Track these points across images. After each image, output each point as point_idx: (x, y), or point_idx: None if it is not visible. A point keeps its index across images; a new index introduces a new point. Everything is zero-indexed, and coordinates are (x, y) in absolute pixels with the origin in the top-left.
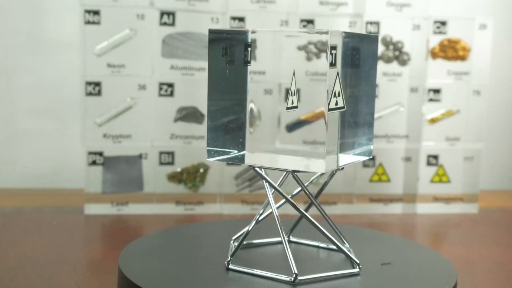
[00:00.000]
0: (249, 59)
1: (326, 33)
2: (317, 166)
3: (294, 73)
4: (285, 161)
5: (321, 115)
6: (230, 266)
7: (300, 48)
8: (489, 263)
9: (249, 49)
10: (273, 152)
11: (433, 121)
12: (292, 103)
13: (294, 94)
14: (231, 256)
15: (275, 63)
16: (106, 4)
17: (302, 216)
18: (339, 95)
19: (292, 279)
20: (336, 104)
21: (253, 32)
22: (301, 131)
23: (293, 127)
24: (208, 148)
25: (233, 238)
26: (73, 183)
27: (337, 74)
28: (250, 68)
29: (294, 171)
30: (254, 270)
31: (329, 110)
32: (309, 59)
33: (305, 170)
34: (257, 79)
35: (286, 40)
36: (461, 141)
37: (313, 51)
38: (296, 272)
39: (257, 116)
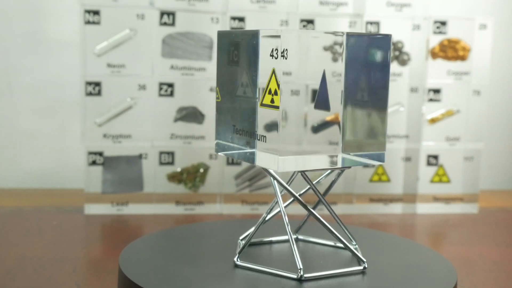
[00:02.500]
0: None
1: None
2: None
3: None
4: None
5: None
6: (238, 262)
7: (326, 49)
8: (489, 263)
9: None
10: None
11: (433, 121)
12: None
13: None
14: (239, 253)
15: (301, 63)
16: (106, 4)
17: (310, 213)
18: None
19: (298, 276)
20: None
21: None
22: (327, 132)
23: (318, 128)
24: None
25: (240, 238)
26: (73, 183)
27: (273, 71)
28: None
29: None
30: (261, 267)
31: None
32: (335, 59)
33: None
34: (283, 80)
35: (312, 41)
36: (461, 141)
37: (339, 52)
38: (301, 267)
39: (283, 117)
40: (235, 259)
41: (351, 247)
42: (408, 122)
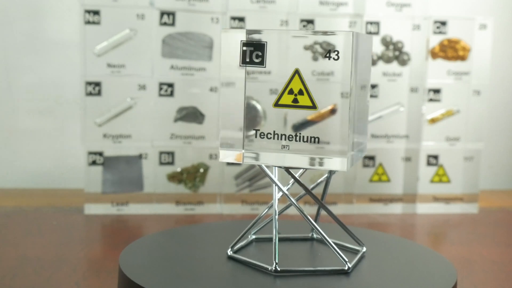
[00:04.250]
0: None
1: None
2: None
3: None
4: (296, 160)
5: (327, 115)
6: (279, 268)
7: (306, 48)
8: (489, 263)
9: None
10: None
11: (433, 121)
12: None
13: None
14: (275, 260)
15: (281, 63)
16: (106, 4)
17: (320, 206)
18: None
19: (347, 268)
20: (296, 102)
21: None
22: (308, 130)
23: (299, 127)
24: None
25: (231, 245)
26: (73, 183)
27: (296, 71)
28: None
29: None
30: (302, 268)
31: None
32: (315, 59)
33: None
34: (262, 79)
35: (292, 40)
36: (461, 141)
37: (319, 51)
38: (347, 260)
39: (262, 116)
40: (274, 267)
41: (350, 229)
42: (408, 122)
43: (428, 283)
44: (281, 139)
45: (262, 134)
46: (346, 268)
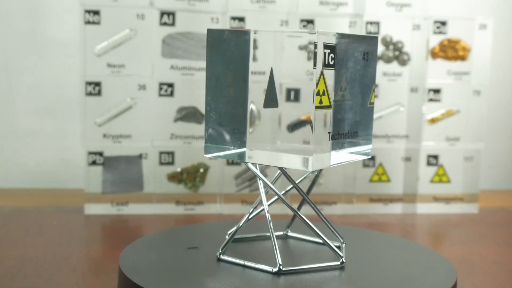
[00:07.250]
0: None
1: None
2: (302, 163)
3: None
4: (280, 158)
5: None
6: (221, 257)
7: (301, 48)
8: (489, 263)
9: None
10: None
11: (433, 121)
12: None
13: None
14: (222, 248)
15: (276, 63)
16: (106, 4)
17: (294, 212)
18: (324, 94)
19: (276, 269)
20: (321, 102)
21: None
22: (302, 130)
23: (294, 127)
24: (206, 144)
25: (228, 232)
26: (73, 183)
27: (321, 73)
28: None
29: (281, 168)
30: (244, 261)
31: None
32: (309, 58)
33: (291, 167)
34: (256, 79)
35: (287, 40)
36: (461, 141)
37: (313, 51)
38: (281, 263)
39: (256, 116)
40: (218, 254)
41: (330, 243)
42: (408, 122)
43: (428, 283)
44: (349, 137)
45: (334, 135)
46: (275, 270)
